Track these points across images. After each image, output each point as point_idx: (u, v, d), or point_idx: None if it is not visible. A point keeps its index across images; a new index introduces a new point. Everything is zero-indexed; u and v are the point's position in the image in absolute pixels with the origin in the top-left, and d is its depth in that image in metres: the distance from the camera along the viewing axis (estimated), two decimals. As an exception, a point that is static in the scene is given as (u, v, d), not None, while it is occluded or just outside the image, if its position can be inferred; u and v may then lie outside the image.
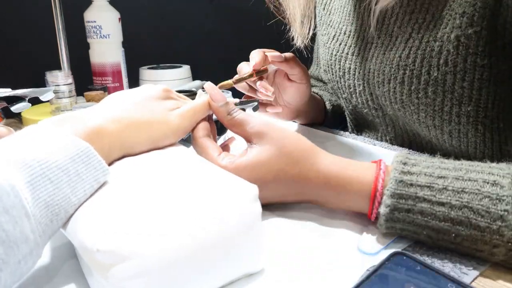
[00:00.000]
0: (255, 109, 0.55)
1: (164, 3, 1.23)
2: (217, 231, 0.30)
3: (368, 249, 0.38)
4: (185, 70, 1.05)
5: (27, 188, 0.28)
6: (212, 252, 0.30)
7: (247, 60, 0.59)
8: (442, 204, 0.36)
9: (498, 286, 0.34)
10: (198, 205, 0.31)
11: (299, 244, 0.39)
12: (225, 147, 0.49)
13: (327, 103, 0.77)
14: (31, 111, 0.82)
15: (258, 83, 0.57)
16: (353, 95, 0.65)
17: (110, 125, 0.38)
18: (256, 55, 0.58)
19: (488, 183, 0.36)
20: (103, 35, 0.95)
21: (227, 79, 0.57)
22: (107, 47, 0.97)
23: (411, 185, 0.37)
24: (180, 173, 0.37)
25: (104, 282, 0.28)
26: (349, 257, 0.37)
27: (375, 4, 0.53)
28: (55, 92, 0.81)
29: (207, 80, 0.97)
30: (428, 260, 0.36)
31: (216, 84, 0.51)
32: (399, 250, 0.35)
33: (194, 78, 1.08)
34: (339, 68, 0.65)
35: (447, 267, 0.35)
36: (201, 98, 0.48)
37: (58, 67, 0.85)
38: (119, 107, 0.41)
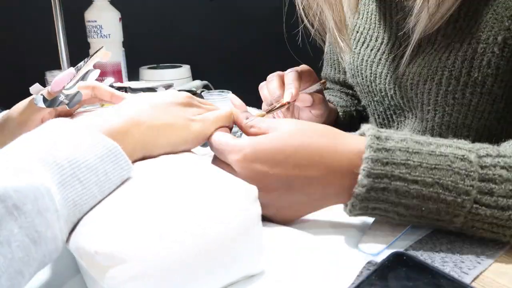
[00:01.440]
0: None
1: (164, 3, 1.23)
2: (217, 233, 0.30)
3: (369, 250, 0.38)
4: (185, 70, 1.05)
5: (58, 189, 0.29)
6: (212, 254, 0.30)
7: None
8: (416, 182, 0.36)
9: (498, 286, 0.34)
10: (198, 207, 0.31)
11: (299, 244, 0.39)
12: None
13: (340, 111, 0.76)
14: (31, 111, 0.82)
15: None
16: (385, 98, 0.65)
17: (133, 128, 0.38)
18: (292, 85, 0.58)
19: (457, 158, 0.37)
20: (104, 35, 0.95)
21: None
22: (107, 47, 0.97)
23: (387, 163, 0.37)
24: (179, 175, 0.37)
25: (102, 284, 0.28)
26: (349, 257, 0.37)
27: (413, 28, 0.52)
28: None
29: (207, 80, 0.97)
30: (428, 260, 0.36)
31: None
32: (399, 250, 0.35)
33: (194, 78, 1.08)
34: (370, 73, 0.65)
35: (447, 267, 0.35)
36: (224, 108, 0.48)
37: (58, 67, 0.85)
38: (141, 110, 0.41)
